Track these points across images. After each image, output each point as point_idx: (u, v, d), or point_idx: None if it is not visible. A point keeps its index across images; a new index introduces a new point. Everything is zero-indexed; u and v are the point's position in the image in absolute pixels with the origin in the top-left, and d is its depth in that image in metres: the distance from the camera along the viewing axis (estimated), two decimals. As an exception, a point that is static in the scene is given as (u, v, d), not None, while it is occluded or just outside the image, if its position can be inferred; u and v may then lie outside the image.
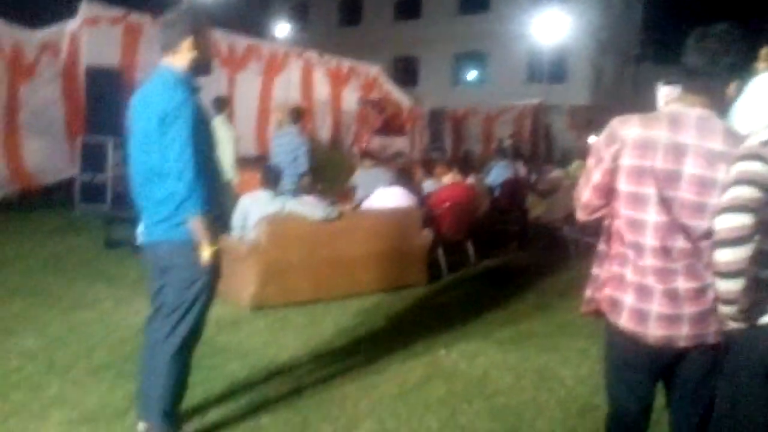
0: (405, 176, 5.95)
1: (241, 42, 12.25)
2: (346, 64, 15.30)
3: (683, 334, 1.77)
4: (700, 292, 1.76)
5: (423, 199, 6.36)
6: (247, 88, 12.07)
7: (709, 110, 1.81)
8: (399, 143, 16.41)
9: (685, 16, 30.00)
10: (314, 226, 4.74)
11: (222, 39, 11.60)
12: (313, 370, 3.60)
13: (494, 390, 3.36)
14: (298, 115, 7.06)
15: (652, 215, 1.76)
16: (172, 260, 2.51)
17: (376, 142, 15.21)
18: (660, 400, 1.98)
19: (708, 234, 1.72)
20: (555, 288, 5.64)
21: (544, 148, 20.46)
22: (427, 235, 5.42)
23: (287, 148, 6.56)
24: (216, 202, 2.53)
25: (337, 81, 14.76)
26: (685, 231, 1.75)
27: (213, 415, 2.96)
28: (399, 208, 5.33)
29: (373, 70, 16.39)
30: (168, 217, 2.46)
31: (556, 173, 10.16)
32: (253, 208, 4.60)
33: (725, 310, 1.68)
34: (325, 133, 14.24)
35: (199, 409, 2.98)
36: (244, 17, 25.79)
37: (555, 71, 23.18)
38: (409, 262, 5.36)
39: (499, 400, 3.24)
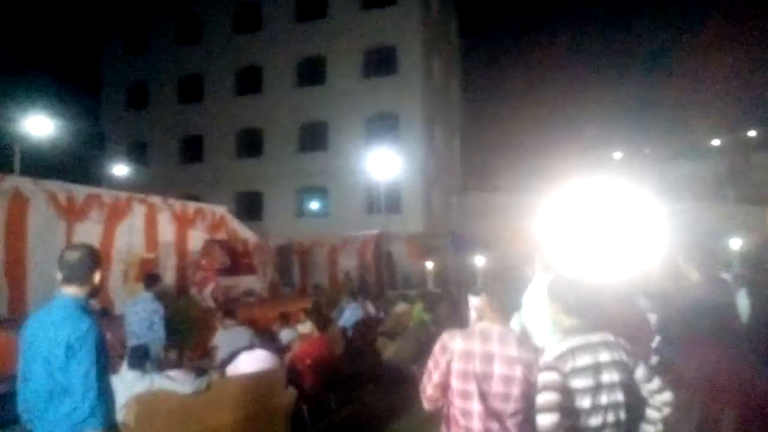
0: (265, 336, 6.31)
1: (81, 191, 12.01)
2: (192, 206, 15.47)
3: None
4: None
5: (282, 351, 6.72)
6: (87, 237, 11.66)
7: (505, 325, 2.58)
8: (248, 281, 16.63)
9: (497, 151, 34.59)
10: (183, 399, 4.89)
11: (60, 190, 11.39)
12: None
13: None
14: (153, 280, 7.20)
15: (476, 405, 2.43)
16: None
17: (224, 283, 15.27)
18: None
19: (513, 414, 2.42)
20: (411, 425, 6.17)
21: (387, 274, 21.80)
22: (290, 393, 5.76)
23: (142, 315, 6.62)
24: (113, 415, 2.79)
25: (183, 223, 14.75)
26: (498, 414, 2.43)
27: None
28: (263, 371, 5.64)
29: (219, 210, 16.71)
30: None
31: (400, 307, 11.02)
32: (120, 389, 4.67)
33: None
34: (169, 276, 13.97)
35: None
36: (81, 159, 25.18)
37: (391, 203, 25.14)
38: (275, 422, 5.60)
39: None
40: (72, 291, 2.82)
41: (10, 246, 10.40)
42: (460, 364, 2.46)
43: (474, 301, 2.69)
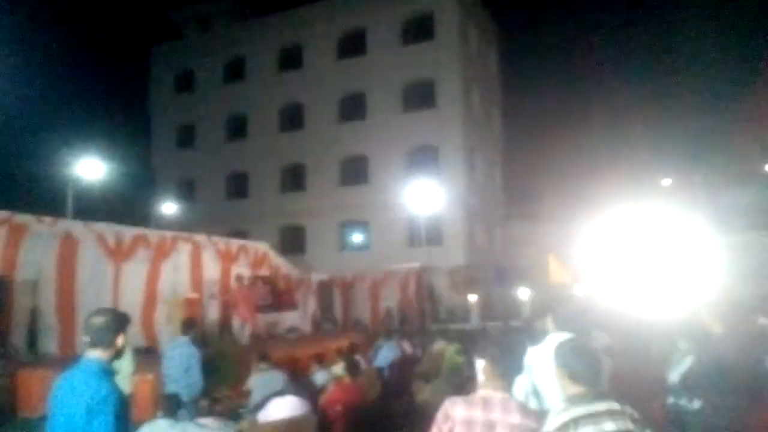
0: (298, 380, 6.38)
1: (129, 232, 12.46)
2: (235, 243, 15.81)
3: None
4: None
5: (313, 395, 6.78)
6: (133, 276, 12.07)
7: (508, 391, 2.58)
8: (290, 318, 16.81)
9: (540, 181, 34.26)
10: (213, 448, 4.99)
11: (108, 231, 11.87)
12: None
13: None
14: (190, 325, 7.38)
15: None
16: None
17: (265, 320, 15.46)
18: None
19: None
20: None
21: (429, 308, 21.68)
22: (321, 440, 5.81)
23: (179, 360, 6.78)
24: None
25: (227, 260, 15.04)
26: None
27: None
28: (293, 419, 5.69)
29: (261, 246, 17.02)
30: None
31: (438, 345, 10.88)
32: (153, 438, 4.81)
33: None
34: (213, 311, 14.23)
35: None
36: (131, 199, 26.24)
37: (432, 235, 25.07)
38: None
39: None
40: (96, 354, 2.96)
41: (61, 286, 10.90)
42: (461, 432, 2.47)
43: (480, 365, 2.69)
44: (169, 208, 27.96)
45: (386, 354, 9.66)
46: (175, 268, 13.21)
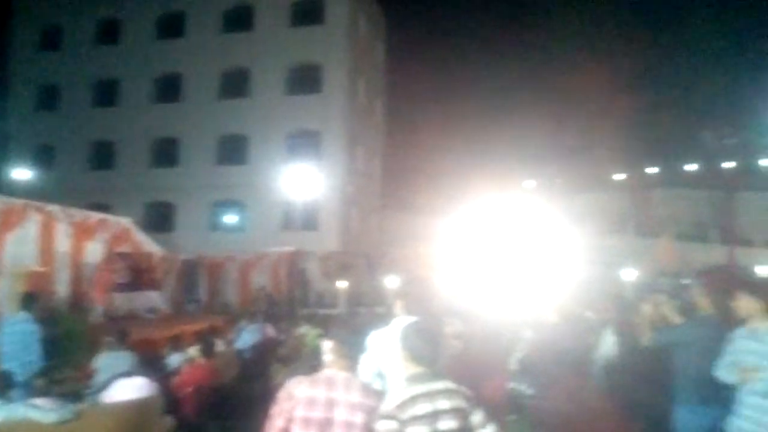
0: (149, 361, 6.10)
1: (-29, 197, 11.29)
2: (94, 216, 14.76)
3: None
4: None
5: (166, 377, 6.53)
6: (-28, 245, 10.94)
7: (352, 371, 2.65)
8: (151, 298, 16.03)
9: (417, 174, 35.25)
10: (47, 429, 4.64)
11: (-56, 195, 10.67)
12: None
13: None
14: (31, 300, 6.84)
15: None
16: None
17: (121, 299, 14.63)
18: None
19: None
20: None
21: (300, 293, 21.62)
22: (167, 422, 5.59)
23: (17, 337, 6.29)
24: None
25: (83, 234, 14.01)
26: None
27: None
28: (139, 399, 5.44)
29: (124, 221, 16.04)
30: None
31: (302, 329, 10.91)
32: (-25, 420, 4.39)
33: None
34: (63, 288, 13.20)
35: None
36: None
37: (308, 220, 25.03)
38: (151, 452, 5.39)
39: None
40: None
41: None
42: (304, 411, 2.51)
43: (327, 345, 2.74)
44: (22, 173, 25.51)
45: (248, 336, 9.52)
46: (22, 239, 12.10)
